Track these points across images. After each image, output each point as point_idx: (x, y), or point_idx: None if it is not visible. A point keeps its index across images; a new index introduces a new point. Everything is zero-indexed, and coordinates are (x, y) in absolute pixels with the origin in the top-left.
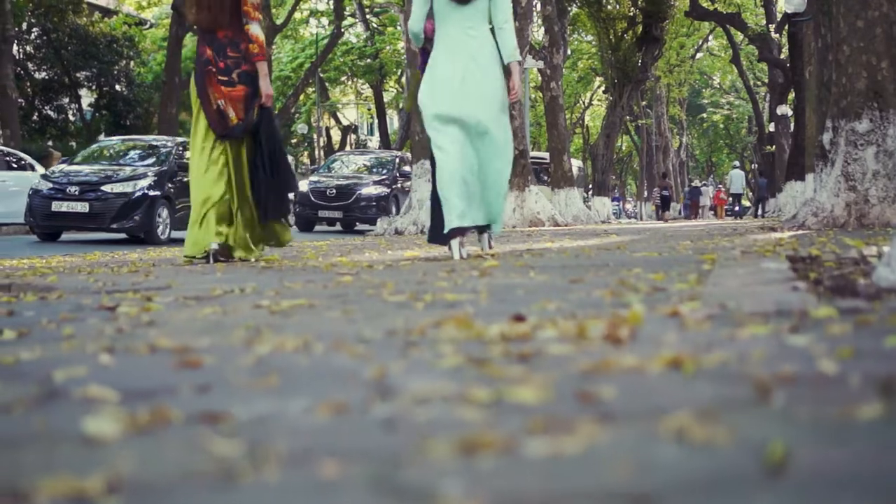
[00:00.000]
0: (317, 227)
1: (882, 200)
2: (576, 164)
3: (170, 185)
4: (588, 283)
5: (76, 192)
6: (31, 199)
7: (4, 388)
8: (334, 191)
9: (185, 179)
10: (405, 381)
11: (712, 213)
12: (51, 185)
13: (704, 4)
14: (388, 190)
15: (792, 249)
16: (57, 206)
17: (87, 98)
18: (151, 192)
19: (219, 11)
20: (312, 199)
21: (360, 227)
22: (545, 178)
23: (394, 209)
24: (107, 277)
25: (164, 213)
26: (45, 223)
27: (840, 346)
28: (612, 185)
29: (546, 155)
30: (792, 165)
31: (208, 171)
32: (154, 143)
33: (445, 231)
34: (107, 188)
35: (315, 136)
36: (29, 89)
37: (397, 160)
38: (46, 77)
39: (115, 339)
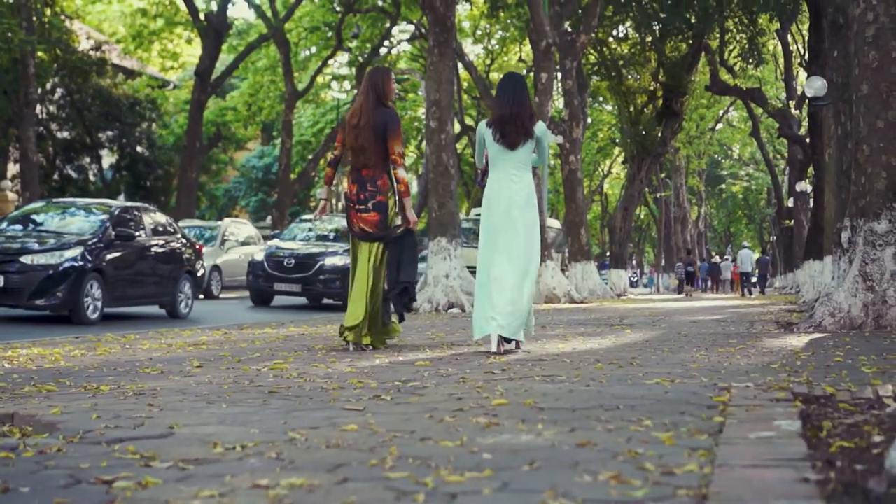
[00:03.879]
0: (277, 301)
1: None
2: (555, 224)
3: (105, 257)
4: (595, 449)
5: None
6: None
7: None
8: (293, 261)
9: (129, 246)
10: None
11: (731, 287)
12: None
13: (725, 79)
14: None
15: (806, 384)
16: None
17: (108, 159)
18: (80, 265)
19: (368, 158)
20: (268, 269)
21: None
22: None
23: None
24: (110, 407)
25: (95, 288)
26: None
27: None
28: (629, 253)
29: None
30: (810, 244)
31: (357, 271)
32: (91, 207)
33: (473, 337)
34: (27, 259)
35: (334, 200)
36: (51, 149)
37: None
38: (68, 137)
39: None
